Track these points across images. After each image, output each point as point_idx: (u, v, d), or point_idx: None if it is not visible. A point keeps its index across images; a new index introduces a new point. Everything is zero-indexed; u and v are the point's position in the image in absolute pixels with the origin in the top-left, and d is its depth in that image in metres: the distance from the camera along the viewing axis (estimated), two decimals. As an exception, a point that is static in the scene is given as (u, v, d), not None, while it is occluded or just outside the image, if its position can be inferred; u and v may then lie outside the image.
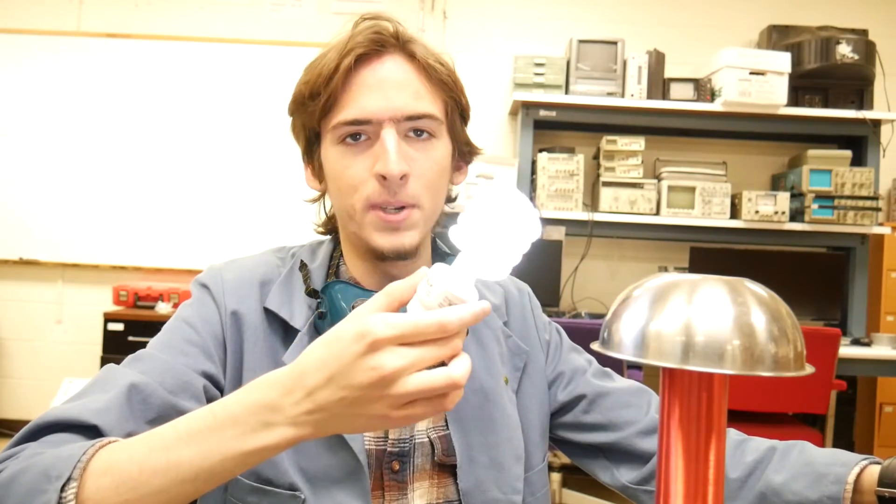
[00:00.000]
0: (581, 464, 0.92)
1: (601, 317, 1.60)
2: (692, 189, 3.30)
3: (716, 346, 0.45)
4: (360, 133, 0.76)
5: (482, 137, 1.22)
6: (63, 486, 0.54)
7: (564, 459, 3.16)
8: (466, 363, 0.54)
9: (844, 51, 3.22)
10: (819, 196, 3.22)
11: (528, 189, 3.36)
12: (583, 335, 0.96)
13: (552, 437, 0.93)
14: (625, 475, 0.87)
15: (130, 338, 3.35)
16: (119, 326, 3.38)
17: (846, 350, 2.84)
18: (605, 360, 0.85)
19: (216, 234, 3.69)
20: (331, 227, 0.90)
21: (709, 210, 3.29)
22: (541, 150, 3.37)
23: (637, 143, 3.34)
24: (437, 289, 0.54)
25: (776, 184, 3.59)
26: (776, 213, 3.24)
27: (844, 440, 3.07)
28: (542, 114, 3.34)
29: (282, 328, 0.80)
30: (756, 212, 3.24)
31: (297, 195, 0.93)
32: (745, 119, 3.31)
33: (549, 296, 3.23)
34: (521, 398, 0.87)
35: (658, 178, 3.37)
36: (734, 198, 3.34)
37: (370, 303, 0.55)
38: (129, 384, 0.69)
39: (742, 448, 0.82)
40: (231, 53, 3.71)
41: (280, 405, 0.54)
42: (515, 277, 0.93)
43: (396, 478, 0.78)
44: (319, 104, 0.76)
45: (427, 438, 0.80)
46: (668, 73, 3.35)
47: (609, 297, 3.37)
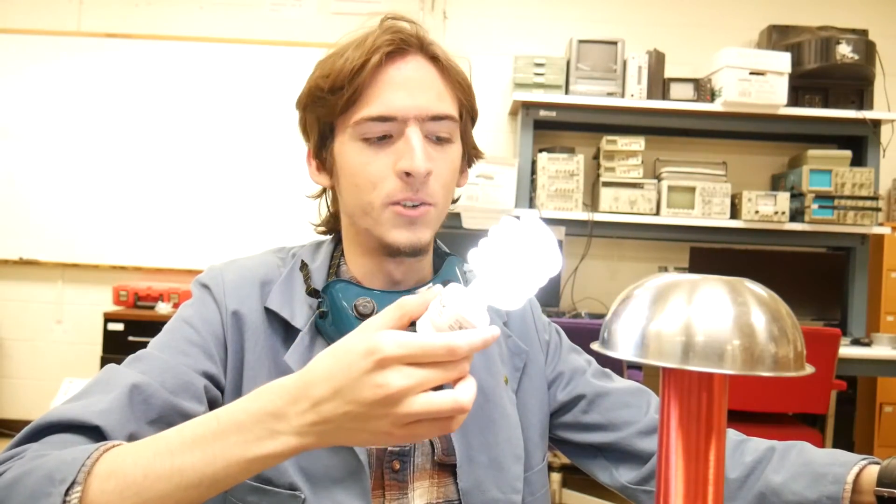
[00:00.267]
0: (580, 464, 0.92)
1: (601, 317, 1.60)
2: (692, 189, 3.29)
3: (716, 346, 0.45)
4: (383, 130, 0.76)
5: (482, 137, 1.22)
6: (67, 490, 0.54)
7: (564, 459, 3.15)
8: (473, 388, 0.54)
9: (844, 51, 3.22)
10: (819, 196, 3.22)
11: (528, 189, 3.36)
12: (583, 335, 0.96)
13: (551, 437, 0.92)
14: (624, 475, 0.87)
15: (130, 338, 3.35)
16: (119, 326, 3.37)
17: (846, 350, 2.84)
18: (605, 361, 0.85)
19: (216, 235, 3.68)
20: (331, 226, 0.90)
21: (709, 210, 3.28)
22: (541, 150, 3.37)
23: (637, 143, 3.34)
24: (450, 310, 0.54)
25: (776, 184, 3.59)
26: (776, 213, 3.24)
27: (844, 440, 3.06)
28: (542, 114, 3.34)
29: (282, 328, 0.80)
30: (756, 212, 3.24)
31: (297, 195, 0.93)
32: (745, 119, 3.30)
33: (549, 296, 3.22)
34: (521, 398, 0.87)
35: (658, 178, 3.37)
36: (734, 198, 3.34)
37: (381, 317, 0.55)
38: (131, 385, 0.69)
39: (741, 448, 0.82)
40: (231, 53, 3.71)
41: (285, 414, 0.54)
42: None
43: (397, 477, 0.78)
44: (342, 99, 0.76)
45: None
46: (668, 73, 3.35)
47: (609, 297, 3.37)
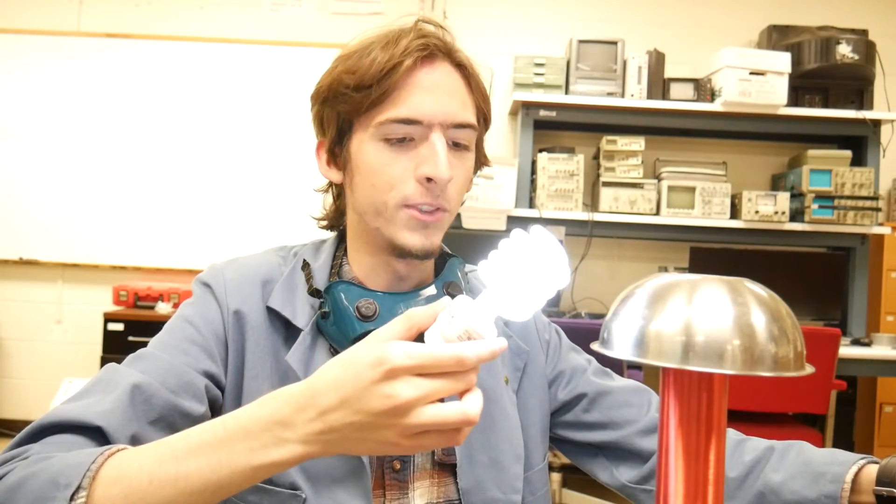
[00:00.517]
0: (579, 463, 0.92)
1: (601, 317, 1.59)
2: (692, 189, 3.29)
3: (716, 346, 0.45)
4: (406, 133, 0.76)
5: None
6: (72, 495, 0.54)
7: (564, 459, 3.15)
8: (480, 400, 0.54)
9: (844, 51, 3.22)
10: (819, 196, 3.22)
11: (528, 189, 3.36)
12: (583, 335, 0.96)
13: (551, 437, 0.92)
14: (624, 474, 0.87)
15: (130, 338, 3.35)
16: (119, 326, 3.37)
17: (846, 350, 2.84)
18: (605, 360, 0.85)
19: (216, 234, 3.68)
20: (335, 222, 0.89)
21: (709, 210, 3.28)
22: (541, 150, 3.37)
23: (637, 143, 3.34)
24: (459, 322, 0.54)
25: (776, 184, 3.59)
26: (776, 213, 3.24)
27: (844, 440, 3.07)
28: (542, 114, 3.34)
29: (284, 327, 0.80)
30: (756, 212, 3.24)
31: (297, 194, 0.93)
32: (745, 119, 3.30)
33: (549, 296, 3.22)
34: (522, 398, 0.87)
35: (658, 178, 3.37)
36: (734, 198, 3.34)
37: (389, 327, 0.55)
38: (132, 384, 0.69)
39: (741, 448, 0.82)
40: (231, 53, 3.70)
41: (292, 422, 0.54)
42: None
43: (397, 477, 0.78)
44: (369, 97, 0.75)
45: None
46: (668, 73, 3.35)
47: (609, 297, 3.37)
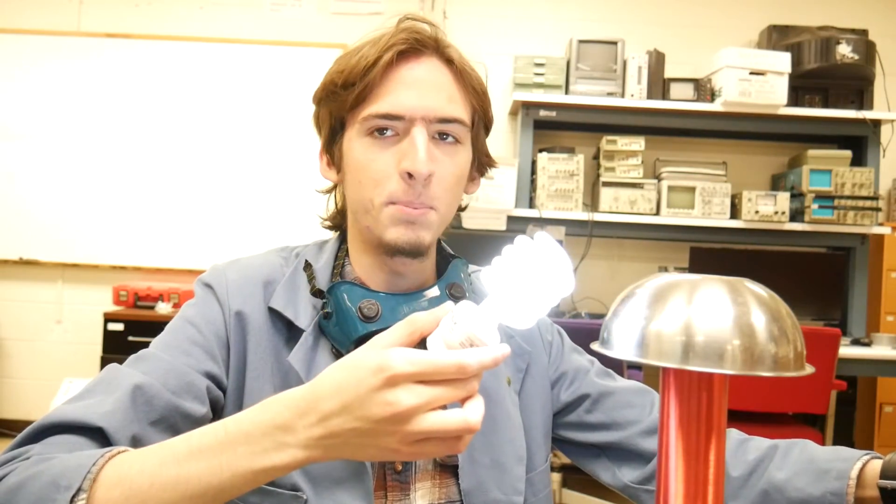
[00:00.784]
0: (581, 464, 0.92)
1: (601, 317, 1.59)
2: (692, 189, 3.30)
3: (716, 346, 0.45)
4: (389, 128, 0.76)
5: (482, 138, 1.22)
6: (73, 497, 0.54)
7: (565, 459, 3.15)
8: (482, 407, 0.54)
9: (844, 51, 3.22)
10: (819, 196, 3.22)
11: (528, 189, 3.36)
12: (583, 335, 0.96)
13: (555, 438, 0.92)
14: (626, 475, 0.87)
15: (130, 338, 3.35)
16: (119, 326, 3.37)
17: (846, 350, 2.84)
18: (606, 360, 0.85)
19: (216, 234, 3.68)
20: (338, 223, 0.90)
21: (709, 210, 3.29)
22: (541, 150, 3.37)
23: (637, 143, 3.34)
24: (461, 328, 0.54)
25: (776, 184, 3.59)
26: (776, 213, 3.24)
27: (844, 440, 3.06)
28: (542, 114, 3.34)
29: (286, 328, 0.80)
30: (756, 212, 3.24)
31: (298, 194, 0.93)
32: (745, 119, 3.30)
33: (550, 296, 3.22)
34: (524, 399, 0.86)
35: (658, 178, 3.37)
36: (734, 198, 3.34)
37: (391, 333, 0.55)
38: (134, 385, 0.69)
39: (744, 447, 0.82)
40: (231, 53, 3.71)
41: (293, 427, 0.54)
42: None
43: (399, 478, 0.78)
44: (353, 94, 0.76)
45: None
46: (668, 73, 3.35)
47: (609, 297, 3.37)
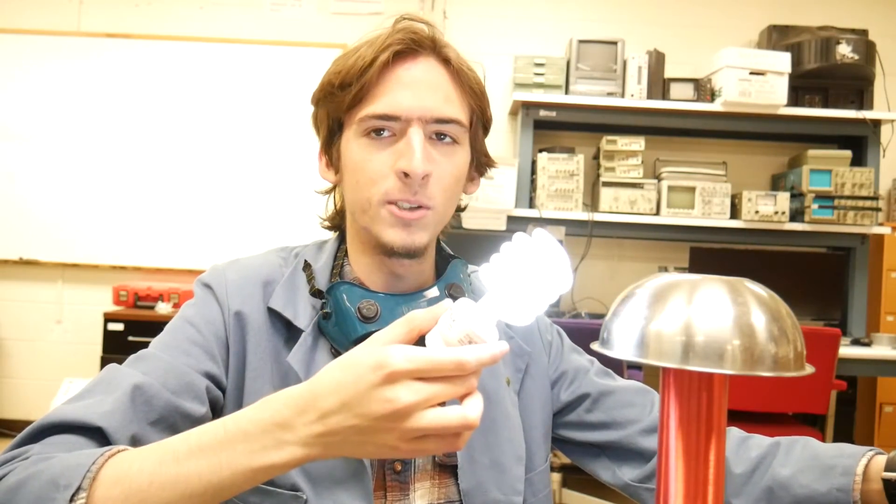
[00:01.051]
0: (581, 463, 0.92)
1: (601, 317, 1.59)
2: (692, 189, 3.30)
3: (716, 346, 0.45)
4: (386, 128, 0.76)
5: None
6: (72, 496, 0.54)
7: (565, 459, 3.15)
8: (480, 404, 0.54)
9: (844, 51, 3.22)
10: (819, 196, 3.22)
11: (528, 189, 3.36)
12: (583, 335, 0.96)
13: (555, 438, 0.92)
14: (627, 473, 0.87)
15: (130, 338, 3.35)
16: (119, 326, 3.37)
17: (846, 350, 2.84)
18: (605, 360, 0.85)
19: (216, 234, 3.68)
20: (337, 223, 0.90)
21: (709, 210, 3.28)
22: (541, 150, 3.37)
23: (637, 143, 3.34)
24: (460, 325, 0.54)
25: (776, 184, 3.59)
26: (776, 213, 3.24)
27: (844, 440, 3.03)
28: (542, 114, 3.34)
29: (285, 328, 0.80)
30: (756, 212, 3.24)
31: (298, 194, 0.93)
32: (745, 119, 3.30)
33: (550, 296, 3.22)
34: (524, 399, 0.87)
35: (658, 178, 3.37)
36: (734, 198, 3.34)
37: (390, 330, 0.55)
38: (133, 385, 0.69)
39: (746, 444, 0.83)
40: (231, 53, 3.70)
41: (292, 424, 0.54)
42: None
43: (399, 478, 0.78)
44: (350, 94, 0.76)
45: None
46: (668, 73, 3.35)
47: (609, 297, 3.37)
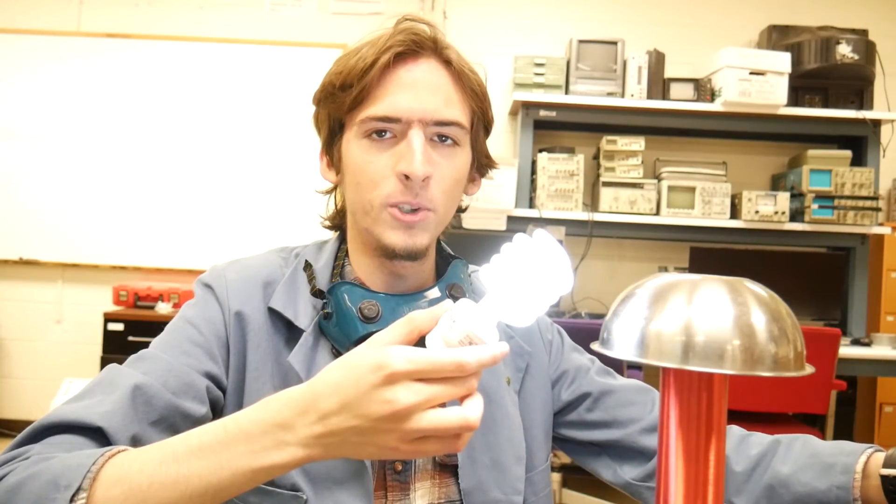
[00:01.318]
0: (582, 462, 0.92)
1: (601, 317, 1.59)
2: (692, 189, 3.29)
3: (716, 346, 0.45)
4: (387, 130, 0.76)
5: (482, 138, 1.22)
6: (72, 497, 0.54)
7: (564, 459, 3.15)
8: (481, 405, 0.54)
9: (844, 51, 3.22)
10: (819, 196, 3.22)
11: (528, 189, 3.36)
12: (583, 335, 0.96)
13: (556, 437, 0.93)
14: (628, 472, 0.87)
15: (130, 338, 3.35)
16: (119, 326, 3.37)
17: (846, 350, 2.84)
18: (605, 360, 0.85)
19: (216, 234, 3.68)
20: (338, 223, 0.90)
21: (709, 210, 3.28)
22: (541, 150, 3.37)
23: (637, 143, 3.34)
24: (460, 326, 0.54)
25: (776, 184, 3.59)
26: (776, 213, 3.24)
27: (844, 440, 3.06)
28: (542, 114, 3.34)
29: (285, 328, 0.80)
30: (756, 212, 3.24)
31: (298, 194, 0.93)
32: (745, 119, 3.30)
33: (550, 296, 3.22)
34: (524, 399, 0.87)
35: (658, 178, 3.37)
36: (734, 198, 3.34)
37: (390, 331, 0.55)
38: (133, 385, 0.69)
39: (746, 442, 0.83)
40: (231, 53, 3.70)
41: (292, 425, 0.54)
42: None
43: (399, 478, 0.78)
44: (350, 96, 0.76)
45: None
46: (668, 73, 3.35)
47: (609, 297, 3.37)
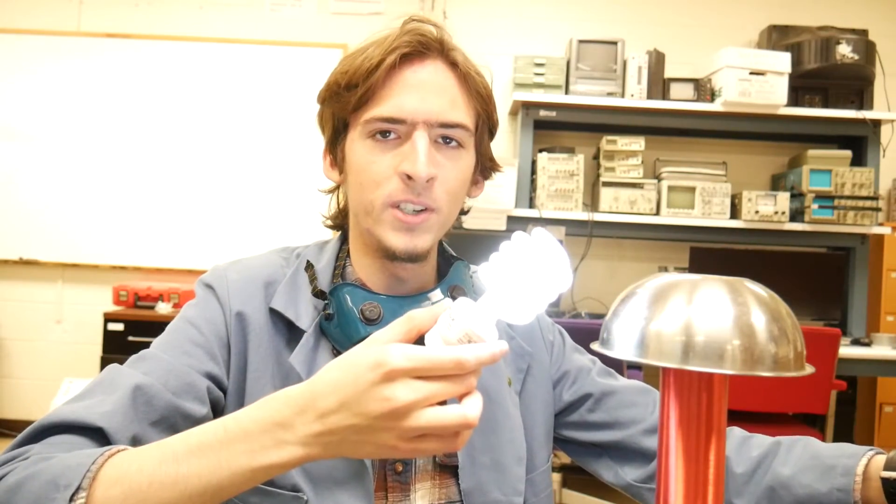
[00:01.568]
0: (584, 463, 0.92)
1: (601, 317, 1.59)
2: (692, 189, 3.29)
3: (716, 346, 0.45)
4: (391, 131, 0.76)
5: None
6: (72, 496, 0.54)
7: (564, 459, 3.15)
8: (480, 404, 0.54)
9: (844, 51, 3.21)
10: (819, 196, 3.22)
11: (528, 189, 3.36)
12: (583, 335, 0.96)
13: (557, 438, 0.92)
14: (629, 474, 0.87)
15: (130, 338, 3.35)
16: (119, 326, 3.37)
17: (846, 350, 2.84)
18: (606, 360, 0.85)
19: (217, 234, 3.68)
20: (339, 222, 0.90)
21: (709, 210, 3.28)
22: (541, 150, 3.37)
23: (637, 143, 3.34)
24: (459, 324, 0.54)
25: (776, 184, 3.59)
26: (776, 213, 3.24)
27: (844, 440, 3.02)
28: (542, 114, 3.34)
29: (287, 329, 0.80)
30: (756, 212, 3.24)
31: (298, 194, 0.93)
32: (745, 119, 3.30)
33: (550, 296, 3.22)
34: (525, 399, 0.87)
35: (658, 178, 3.37)
36: (734, 198, 3.34)
37: (389, 329, 0.55)
38: (134, 386, 0.69)
39: (747, 444, 0.83)
40: (231, 53, 3.70)
41: (291, 424, 0.54)
42: None
43: (399, 479, 0.78)
44: (356, 96, 0.76)
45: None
46: (668, 73, 3.35)
47: (609, 297, 3.37)
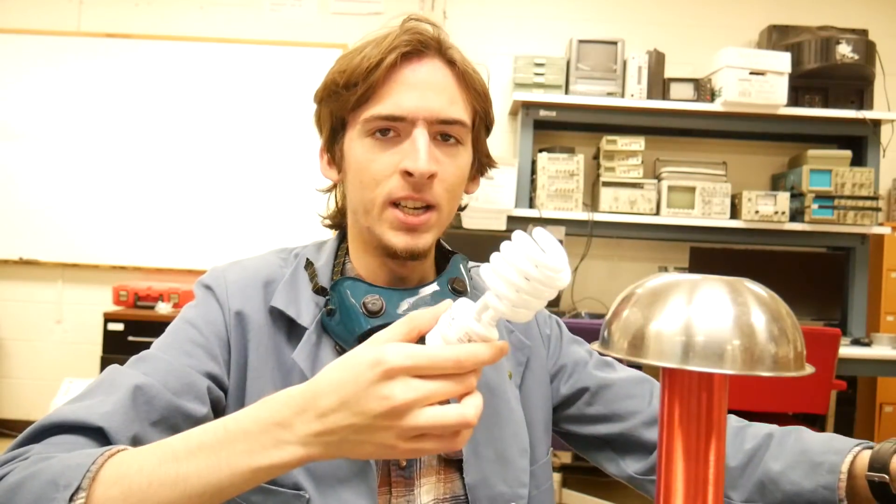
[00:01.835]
0: (587, 455, 0.93)
1: (601, 317, 1.60)
2: (692, 189, 3.29)
3: (716, 346, 0.45)
4: (391, 129, 0.77)
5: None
6: (72, 496, 0.54)
7: (565, 459, 3.15)
8: (479, 403, 0.54)
9: (844, 51, 3.21)
10: (819, 196, 3.22)
11: (528, 189, 3.36)
12: (583, 335, 0.96)
13: (558, 431, 0.93)
14: (631, 466, 0.88)
15: (130, 338, 3.35)
16: (119, 326, 3.37)
17: (846, 350, 2.84)
18: (606, 360, 0.86)
19: (216, 235, 3.68)
20: (338, 222, 0.90)
21: (709, 210, 3.29)
22: (541, 150, 3.37)
23: (637, 143, 3.34)
24: (459, 323, 0.54)
25: (776, 184, 3.59)
26: (776, 213, 3.24)
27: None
28: (542, 114, 3.34)
29: (287, 327, 0.80)
30: (756, 212, 3.24)
31: (298, 194, 0.93)
32: (745, 119, 3.30)
33: (550, 296, 3.22)
34: (525, 393, 0.87)
35: (658, 178, 3.37)
36: (734, 198, 3.34)
37: (390, 330, 0.55)
38: (134, 386, 0.69)
39: (741, 435, 0.83)
40: (231, 53, 3.71)
41: (291, 424, 0.55)
42: None
43: (403, 474, 0.78)
44: (355, 95, 0.77)
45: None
46: (668, 73, 3.35)
47: (609, 297, 3.37)
